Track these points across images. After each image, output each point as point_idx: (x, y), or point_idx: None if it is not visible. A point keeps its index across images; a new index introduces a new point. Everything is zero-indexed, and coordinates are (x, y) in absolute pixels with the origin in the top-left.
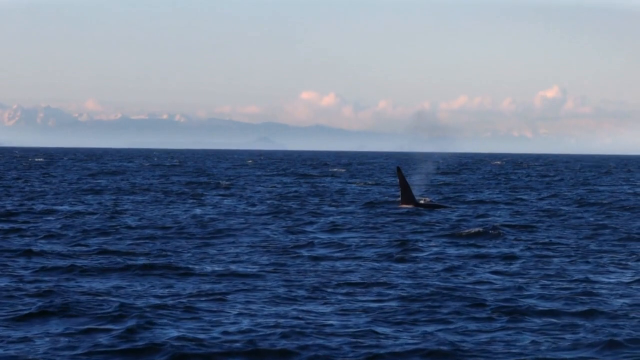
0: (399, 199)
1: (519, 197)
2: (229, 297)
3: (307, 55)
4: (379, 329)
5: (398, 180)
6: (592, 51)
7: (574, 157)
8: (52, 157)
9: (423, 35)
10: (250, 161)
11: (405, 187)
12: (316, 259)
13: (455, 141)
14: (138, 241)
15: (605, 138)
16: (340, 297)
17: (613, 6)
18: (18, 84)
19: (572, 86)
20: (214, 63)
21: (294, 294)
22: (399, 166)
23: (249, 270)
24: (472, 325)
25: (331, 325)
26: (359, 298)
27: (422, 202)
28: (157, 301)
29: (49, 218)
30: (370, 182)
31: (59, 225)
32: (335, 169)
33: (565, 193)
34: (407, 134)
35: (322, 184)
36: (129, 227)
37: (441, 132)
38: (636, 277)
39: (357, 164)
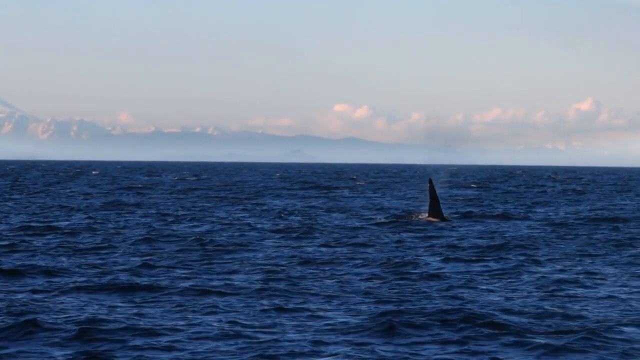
0: (426, 214)
1: (536, 211)
2: (197, 317)
3: (340, 68)
4: (340, 350)
5: (429, 192)
6: (626, 63)
7: (605, 169)
8: (82, 170)
9: (457, 48)
10: (278, 174)
11: (435, 200)
12: (303, 278)
13: (479, 151)
14: (132, 258)
15: None
16: (311, 315)
17: None
18: (52, 98)
19: (606, 98)
20: (247, 76)
21: (265, 313)
22: (431, 178)
23: (230, 289)
24: (433, 347)
25: (289, 348)
26: (329, 315)
27: (446, 217)
28: (123, 322)
29: (50, 235)
30: (391, 197)
31: (57, 242)
32: (360, 183)
33: (583, 208)
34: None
35: (343, 199)
36: (129, 245)
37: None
38: (621, 296)
39: (386, 177)
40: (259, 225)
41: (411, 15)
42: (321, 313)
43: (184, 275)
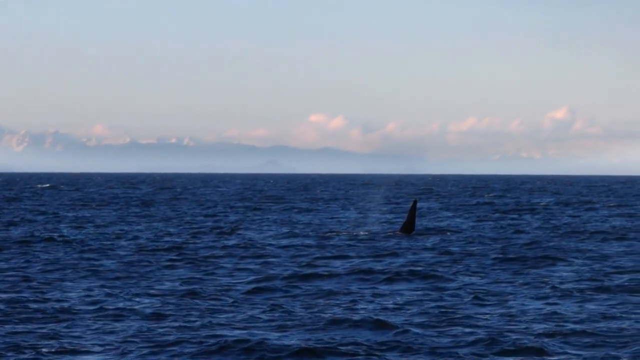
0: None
1: (477, 226)
2: (79, 341)
3: (315, 78)
4: None
5: (410, 210)
6: (601, 72)
7: (576, 178)
8: (50, 185)
9: (431, 57)
10: (245, 186)
11: (413, 218)
12: (186, 298)
13: (455, 161)
14: (47, 274)
15: (614, 158)
16: (162, 348)
17: (622, 27)
18: (26, 110)
19: (581, 107)
20: (222, 87)
21: (120, 344)
22: (416, 199)
23: (97, 315)
24: None
25: None
26: (186, 345)
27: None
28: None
29: None
30: (351, 209)
31: None
32: (321, 195)
33: (524, 222)
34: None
35: (294, 212)
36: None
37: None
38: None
39: (351, 189)
40: (185, 245)
41: (386, 25)
42: (171, 340)
43: (58, 297)
